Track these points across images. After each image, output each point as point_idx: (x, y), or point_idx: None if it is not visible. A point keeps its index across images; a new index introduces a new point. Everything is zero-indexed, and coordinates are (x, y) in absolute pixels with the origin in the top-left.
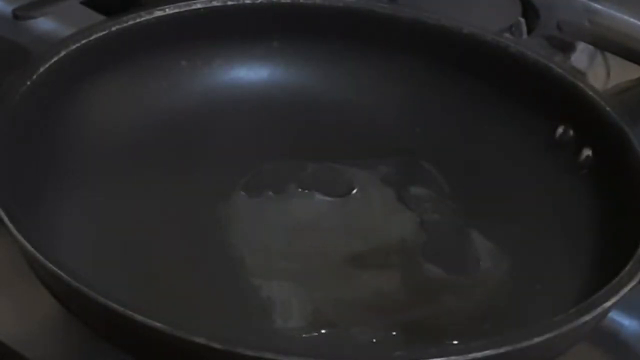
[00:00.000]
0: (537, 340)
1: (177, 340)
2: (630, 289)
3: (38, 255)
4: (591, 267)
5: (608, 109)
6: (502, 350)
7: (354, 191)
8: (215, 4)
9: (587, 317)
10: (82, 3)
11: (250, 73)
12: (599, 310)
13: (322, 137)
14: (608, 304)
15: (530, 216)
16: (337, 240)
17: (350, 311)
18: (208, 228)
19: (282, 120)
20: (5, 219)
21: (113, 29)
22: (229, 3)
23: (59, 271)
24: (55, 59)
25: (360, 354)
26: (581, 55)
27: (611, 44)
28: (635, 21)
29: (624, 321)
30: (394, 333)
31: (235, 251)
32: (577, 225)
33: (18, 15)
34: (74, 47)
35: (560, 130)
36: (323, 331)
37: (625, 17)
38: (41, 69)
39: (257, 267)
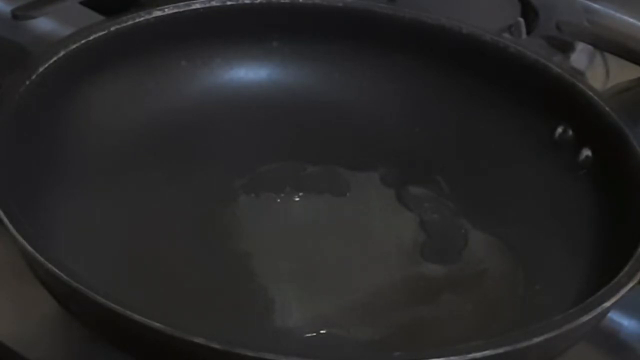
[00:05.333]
0: (536, 340)
1: (176, 340)
2: (630, 289)
3: (37, 255)
4: (591, 267)
5: (607, 109)
6: (501, 350)
7: (353, 191)
8: (214, 3)
9: (586, 317)
10: (81, 3)
11: (249, 73)
12: (599, 310)
13: (322, 138)
14: (607, 304)
15: (529, 216)
16: (336, 240)
17: (350, 311)
18: (207, 228)
19: (282, 121)
20: (5, 219)
21: (112, 29)
22: (228, 3)
23: (58, 271)
24: (54, 59)
25: (360, 354)
26: (580, 55)
27: (610, 44)
28: (635, 21)
29: (623, 321)
30: (394, 333)
31: (234, 252)
32: (577, 225)
33: (17, 15)
34: (73, 47)
35: (559, 130)
36: (323, 331)
37: (625, 17)
38: (40, 69)
39: (256, 267)
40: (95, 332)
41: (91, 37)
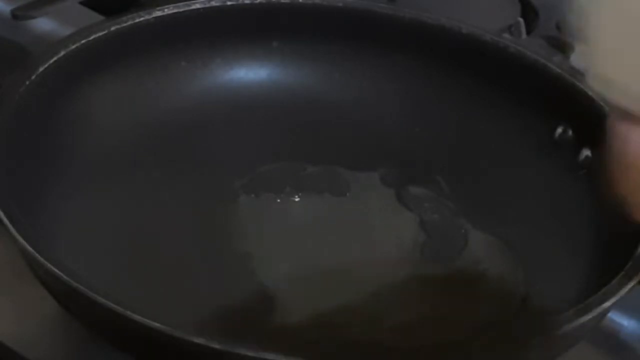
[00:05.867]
0: (536, 340)
1: (176, 340)
2: (630, 289)
3: (37, 255)
4: (591, 267)
5: (607, 109)
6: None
7: (353, 191)
8: (214, 4)
9: (586, 317)
10: (81, 3)
11: (249, 73)
12: (599, 310)
13: (322, 138)
14: (607, 304)
15: (529, 216)
16: (336, 240)
17: (350, 311)
18: (207, 228)
19: (282, 121)
20: (5, 220)
21: (112, 29)
22: (228, 3)
23: (58, 271)
24: (54, 59)
25: (360, 354)
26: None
27: None
28: None
29: (623, 321)
30: (394, 333)
31: (234, 252)
32: (577, 225)
33: (17, 15)
34: (73, 47)
35: (559, 130)
36: (323, 331)
37: None
38: (40, 69)
39: (256, 267)
40: (95, 332)
41: (91, 37)
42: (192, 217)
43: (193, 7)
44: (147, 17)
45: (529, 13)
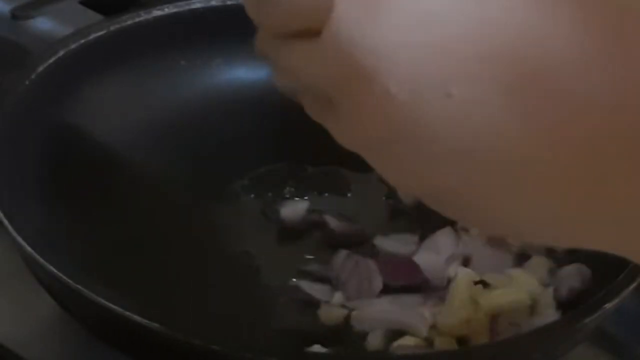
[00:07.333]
0: (537, 341)
1: (175, 341)
2: (631, 291)
3: (37, 256)
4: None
5: None
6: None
7: (354, 192)
8: (213, 3)
9: (587, 318)
10: (80, 3)
11: (249, 73)
12: (599, 311)
13: (322, 138)
14: (608, 305)
15: None
16: (336, 240)
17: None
18: (207, 228)
19: (282, 121)
20: (4, 220)
21: (112, 28)
22: (228, 2)
23: (58, 272)
24: (54, 58)
25: (360, 355)
26: None
27: None
28: None
29: (623, 321)
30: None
31: (234, 251)
32: None
33: (17, 15)
34: (72, 46)
35: None
36: (323, 332)
37: None
38: (40, 69)
39: (257, 267)
40: (95, 333)
41: (90, 37)
42: (191, 216)
43: (193, 7)
44: (147, 17)
45: None
